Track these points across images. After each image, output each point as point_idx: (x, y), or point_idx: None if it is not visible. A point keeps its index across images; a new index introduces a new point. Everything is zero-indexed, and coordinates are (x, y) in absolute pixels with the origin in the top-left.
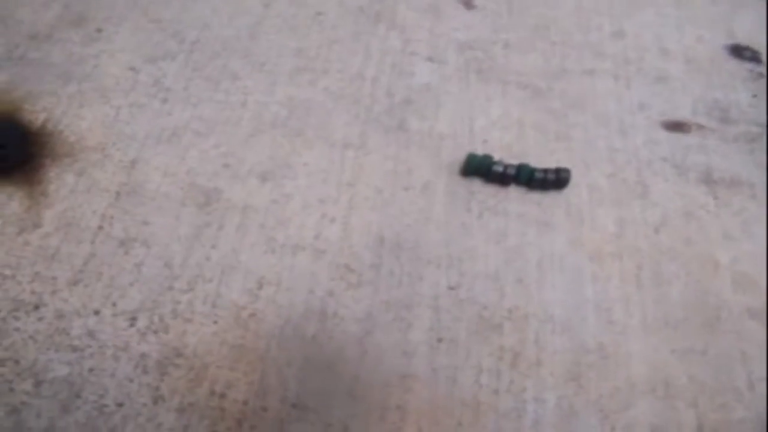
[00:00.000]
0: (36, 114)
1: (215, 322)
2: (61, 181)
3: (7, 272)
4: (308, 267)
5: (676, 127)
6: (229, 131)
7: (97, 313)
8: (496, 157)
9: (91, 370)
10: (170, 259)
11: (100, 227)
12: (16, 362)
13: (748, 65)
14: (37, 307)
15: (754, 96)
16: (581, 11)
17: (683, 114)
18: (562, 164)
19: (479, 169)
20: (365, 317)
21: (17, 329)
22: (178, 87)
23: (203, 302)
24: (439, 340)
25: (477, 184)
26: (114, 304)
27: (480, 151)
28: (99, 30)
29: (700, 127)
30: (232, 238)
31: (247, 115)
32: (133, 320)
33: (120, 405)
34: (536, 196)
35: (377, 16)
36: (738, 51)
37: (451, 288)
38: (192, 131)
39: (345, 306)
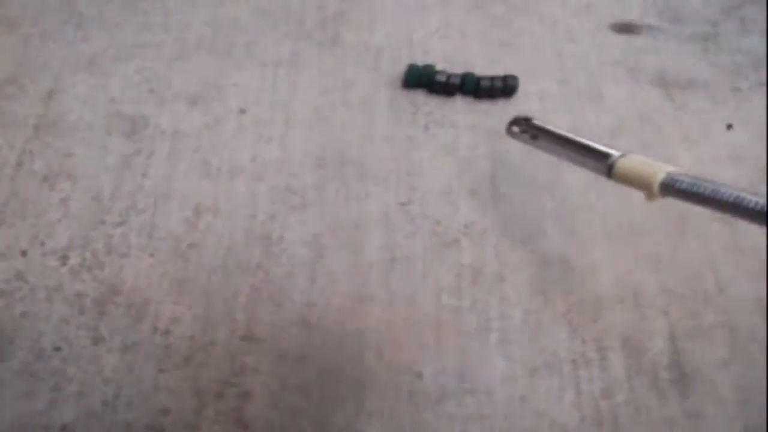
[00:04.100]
0: None
1: (152, 255)
2: None
3: None
4: (247, 191)
5: (625, 28)
6: (152, 55)
7: (24, 253)
8: (439, 67)
9: (23, 314)
10: (99, 192)
11: (20, 163)
12: None
13: None
14: None
15: None
16: None
17: (632, 15)
18: (509, 72)
19: (421, 79)
20: (312, 240)
21: None
22: (92, 11)
23: (138, 234)
24: (393, 260)
25: (421, 96)
26: (42, 243)
27: (421, 62)
28: None
29: (651, 27)
30: (163, 165)
31: (169, 37)
32: (64, 258)
33: (58, 349)
34: (484, 106)
35: None
36: None
37: (401, 204)
38: (111, 57)
39: (290, 230)
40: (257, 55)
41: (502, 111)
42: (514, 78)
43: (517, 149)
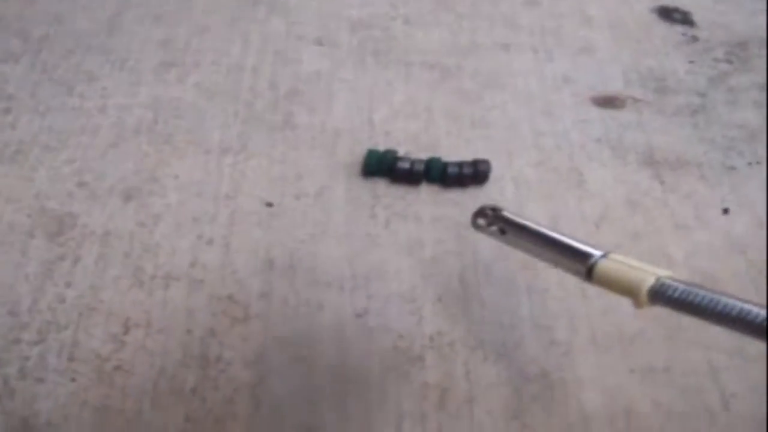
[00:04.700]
0: None
1: (73, 380)
2: None
3: None
4: (183, 301)
5: (607, 102)
6: (85, 143)
7: None
8: (402, 151)
9: None
10: (16, 305)
11: None
12: None
13: (680, 28)
14: None
15: (691, 62)
16: None
17: (615, 87)
18: (481, 155)
19: (381, 166)
20: (256, 360)
21: None
22: (23, 94)
23: (58, 355)
24: (348, 382)
25: (381, 186)
26: None
27: (382, 145)
28: None
29: (635, 100)
30: (90, 272)
31: (106, 122)
32: None
33: None
34: (453, 195)
35: None
36: (666, 13)
37: (358, 315)
38: (41, 146)
39: (231, 347)
40: (201, 141)
41: (472, 200)
42: (485, 163)
43: (490, 245)
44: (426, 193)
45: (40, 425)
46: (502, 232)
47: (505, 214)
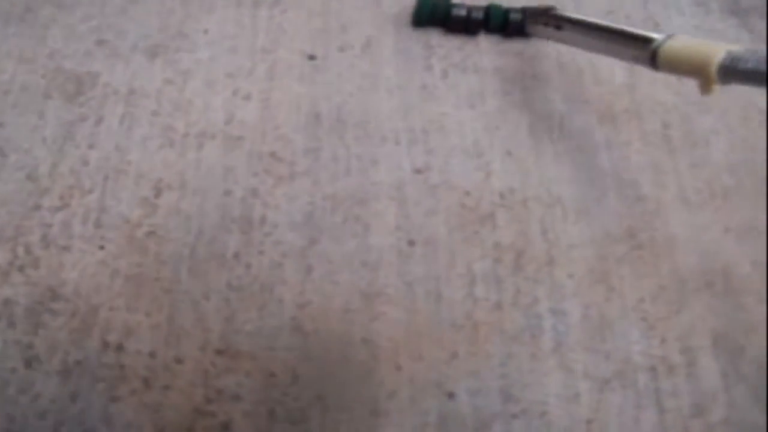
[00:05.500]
0: None
1: (101, 248)
2: None
3: None
4: (220, 160)
5: None
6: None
7: None
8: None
9: None
10: (34, 169)
11: None
12: None
13: None
14: None
15: None
16: None
17: None
18: (543, 2)
19: (435, 15)
20: (305, 221)
21: None
22: None
23: (83, 222)
24: (411, 243)
25: (435, 36)
26: None
27: None
28: None
29: None
30: (115, 132)
31: None
32: None
33: None
34: (516, 45)
35: None
36: None
37: (417, 171)
38: (52, 3)
39: (276, 208)
40: None
41: (537, 51)
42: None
43: (561, 97)
44: (486, 43)
45: (69, 295)
46: (558, 28)
47: (560, 12)
